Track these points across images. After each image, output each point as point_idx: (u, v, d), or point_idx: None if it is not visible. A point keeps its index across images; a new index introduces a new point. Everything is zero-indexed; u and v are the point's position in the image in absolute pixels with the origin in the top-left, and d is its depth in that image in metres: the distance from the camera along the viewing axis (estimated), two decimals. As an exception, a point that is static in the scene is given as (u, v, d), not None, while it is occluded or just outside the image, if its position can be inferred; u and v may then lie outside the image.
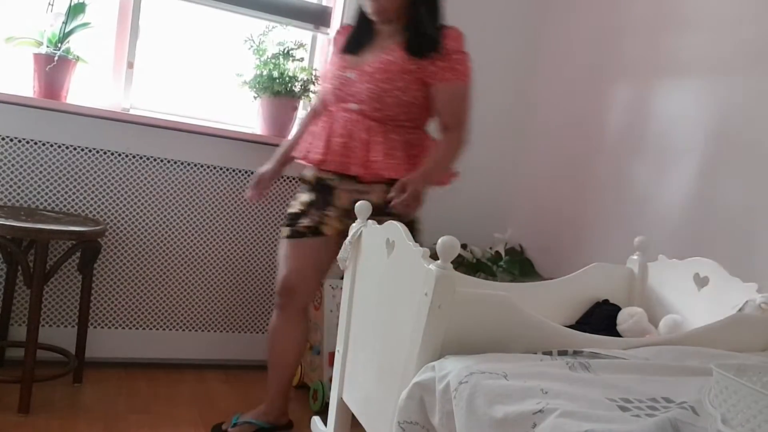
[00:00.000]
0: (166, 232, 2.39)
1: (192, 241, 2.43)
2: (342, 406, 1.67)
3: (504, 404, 1.04)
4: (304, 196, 1.94)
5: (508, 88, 2.88)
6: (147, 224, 2.36)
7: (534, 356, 1.28)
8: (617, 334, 1.70)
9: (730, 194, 1.96)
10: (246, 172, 2.45)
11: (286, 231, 1.94)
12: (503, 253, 2.64)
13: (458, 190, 2.89)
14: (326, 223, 1.88)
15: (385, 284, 1.50)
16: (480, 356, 1.23)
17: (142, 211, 2.34)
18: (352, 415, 1.63)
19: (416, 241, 1.45)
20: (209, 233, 2.45)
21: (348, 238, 1.63)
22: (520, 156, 2.92)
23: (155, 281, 2.40)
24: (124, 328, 2.38)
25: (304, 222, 1.90)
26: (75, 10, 2.21)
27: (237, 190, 2.46)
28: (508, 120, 2.89)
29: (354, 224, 1.63)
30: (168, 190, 2.37)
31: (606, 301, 1.85)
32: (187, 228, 2.42)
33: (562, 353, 1.30)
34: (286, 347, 1.98)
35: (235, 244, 2.49)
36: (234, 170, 2.45)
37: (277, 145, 2.47)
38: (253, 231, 2.51)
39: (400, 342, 1.36)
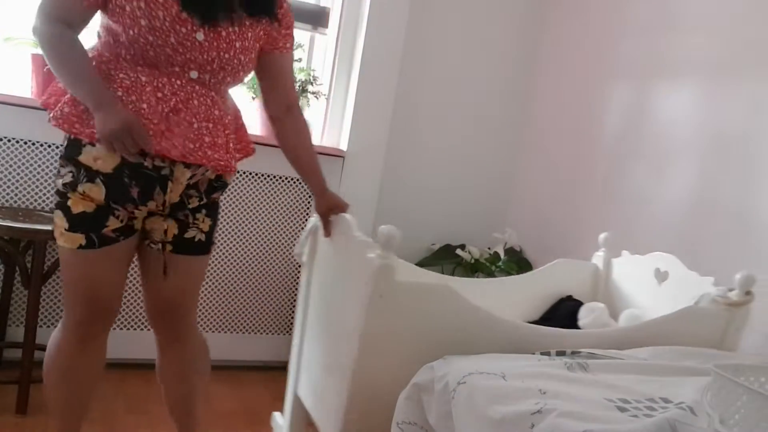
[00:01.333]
0: (164, 233, 2.39)
1: (190, 241, 2.43)
2: (297, 400, 1.66)
3: (502, 404, 1.04)
4: (93, 188, 1.37)
5: (507, 88, 2.88)
6: (145, 225, 2.36)
7: (532, 356, 1.28)
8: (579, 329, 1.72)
9: (729, 195, 1.96)
10: (246, 173, 2.45)
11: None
12: (502, 254, 2.64)
13: (457, 190, 2.90)
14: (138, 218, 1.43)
15: (335, 276, 1.47)
16: (478, 357, 1.23)
17: (140, 211, 2.34)
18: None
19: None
20: (207, 234, 2.45)
21: (304, 231, 1.61)
22: (519, 156, 2.92)
23: (153, 282, 2.40)
24: (121, 328, 2.38)
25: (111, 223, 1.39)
26: (73, 11, 2.21)
27: (236, 190, 2.46)
28: (508, 120, 2.89)
29: (311, 218, 1.59)
30: (166, 191, 2.37)
31: (570, 297, 1.86)
32: (185, 228, 2.42)
33: (560, 353, 1.30)
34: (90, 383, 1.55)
35: (234, 245, 2.49)
36: (232, 171, 2.44)
37: (276, 147, 2.47)
38: (252, 232, 2.51)
39: (345, 334, 1.34)
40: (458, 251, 2.65)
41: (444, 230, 2.81)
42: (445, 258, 2.67)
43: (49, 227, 1.94)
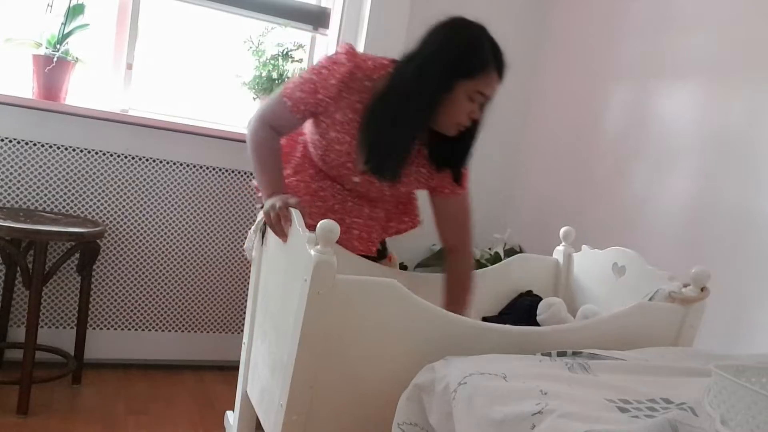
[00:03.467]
0: (165, 234, 2.39)
1: (191, 242, 2.43)
2: (246, 399, 1.64)
3: (503, 405, 1.04)
4: None
5: (507, 88, 2.86)
6: (146, 226, 2.36)
7: (533, 357, 1.28)
8: (537, 325, 1.71)
9: (730, 194, 1.96)
10: (246, 173, 2.45)
11: None
12: (502, 254, 2.64)
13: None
14: None
15: (281, 273, 1.44)
16: (479, 357, 1.23)
17: (141, 212, 2.34)
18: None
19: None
20: (208, 235, 2.45)
21: (253, 226, 1.60)
22: (519, 157, 2.92)
23: (154, 282, 2.40)
24: (123, 329, 2.38)
25: None
26: (74, 12, 2.21)
27: (236, 191, 2.46)
28: (508, 121, 2.89)
29: (260, 213, 1.57)
30: (167, 192, 2.37)
31: (529, 292, 1.85)
32: (186, 229, 2.42)
33: (561, 354, 1.30)
34: None
35: (235, 246, 2.49)
36: (234, 171, 2.44)
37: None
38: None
39: (287, 332, 1.31)
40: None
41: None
42: (446, 258, 2.67)
43: (49, 228, 1.94)
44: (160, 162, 2.34)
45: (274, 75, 2.43)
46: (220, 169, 2.43)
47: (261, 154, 1.56)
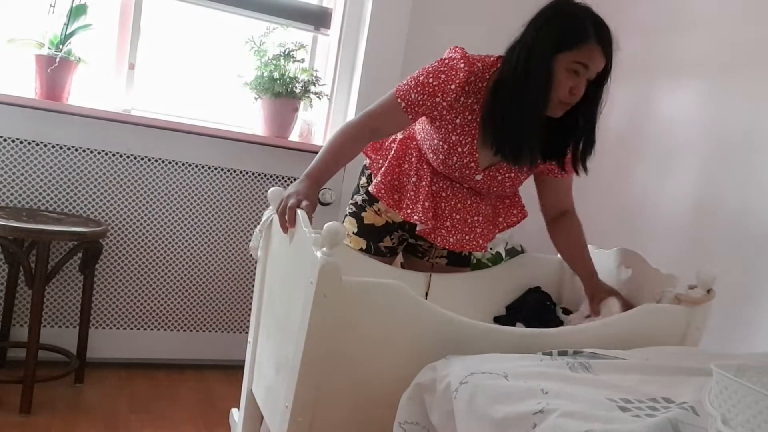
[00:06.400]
0: (168, 233, 2.40)
1: (193, 242, 2.43)
2: (251, 398, 1.64)
3: (504, 404, 1.04)
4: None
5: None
6: (148, 225, 2.36)
7: (534, 356, 1.28)
8: (547, 321, 1.71)
9: (731, 194, 1.96)
10: (247, 173, 2.46)
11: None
12: (504, 254, 2.64)
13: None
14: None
15: (286, 273, 1.44)
16: (481, 357, 1.23)
17: (143, 212, 2.35)
18: None
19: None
20: (210, 234, 2.45)
21: (259, 225, 1.59)
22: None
23: (156, 282, 2.41)
24: (125, 328, 2.39)
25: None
26: (76, 12, 2.22)
27: (238, 190, 2.47)
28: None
29: (266, 212, 1.57)
30: (169, 191, 2.37)
31: (537, 288, 1.86)
32: (188, 229, 2.42)
33: (563, 353, 1.30)
34: None
35: (237, 245, 2.50)
36: (235, 171, 2.45)
37: (277, 147, 2.48)
38: (254, 232, 2.51)
39: (293, 333, 1.30)
40: (461, 251, 2.65)
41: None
42: (448, 258, 2.67)
43: (52, 227, 1.95)
44: (162, 162, 2.34)
45: (276, 75, 2.44)
46: (222, 169, 2.43)
47: (339, 142, 1.56)
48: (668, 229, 2.15)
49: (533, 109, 1.48)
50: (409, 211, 1.62)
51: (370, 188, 1.68)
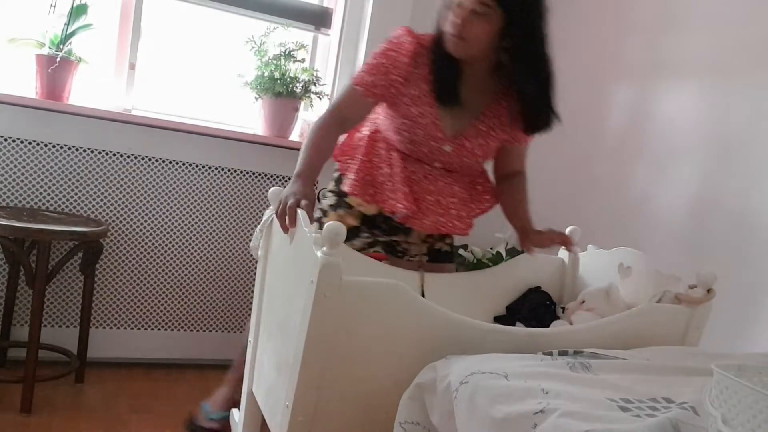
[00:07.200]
0: (168, 233, 2.40)
1: (194, 241, 2.43)
2: (251, 398, 1.64)
3: (505, 404, 1.04)
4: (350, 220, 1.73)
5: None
6: (149, 225, 2.36)
7: (535, 356, 1.28)
8: (547, 321, 1.71)
9: (731, 195, 1.96)
10: (247, 173, 2.46)
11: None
12: (504, 253, 2.64)
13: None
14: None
15: (287, 272, 1.44)
16: (481, 356, 1.23)
17: (143, 211, 2.35)
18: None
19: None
20: (211, 234, 2.46)
21: (260, 225, 1.59)
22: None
23: (157, 281, 2.41)
24: (125, 328, 2.39)
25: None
26: (77, 12, 2.22)
27: (238, 190, 2.47)
28: (509, 121, 2.89)
29: (266, 211, 1.58)
30: (170, 191, 2.37)
31: (538, 288, 1.86)
32: (188, 228, 2.42)
33: (563, 353, 1.30)
34: None
35: (237, 245, 2.50)
36: (235, 171, 2.45)
37: (278, 146, 2.48)
38: (254, 231, 2.51)
39: (293, 333, 1.30)
40: (461, 251, 2.66)
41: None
42: (448, 258, 2.67)
43: (52, 227, 1.95)
44: (163, 161, 2.34)
45: (276, 75, 2.44)
46: (222, 169, 2.43)
47: (315, 136, 1.60)
48: (668, 229, 2.15)
49: (440, 46, 1.59)
50: (391, 201, 1.63)
51: (344, 187, 1.68)
